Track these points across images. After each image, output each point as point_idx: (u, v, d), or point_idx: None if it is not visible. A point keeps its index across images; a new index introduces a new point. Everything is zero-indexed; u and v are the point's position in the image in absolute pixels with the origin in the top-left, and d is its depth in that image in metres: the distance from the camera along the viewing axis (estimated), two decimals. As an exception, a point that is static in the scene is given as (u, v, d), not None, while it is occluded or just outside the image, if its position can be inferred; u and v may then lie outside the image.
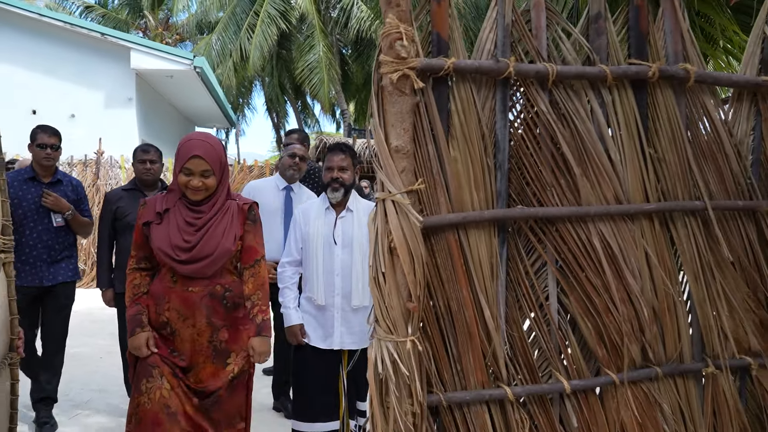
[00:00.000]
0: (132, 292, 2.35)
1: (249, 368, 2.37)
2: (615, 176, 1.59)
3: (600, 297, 1.57)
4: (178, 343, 2.26)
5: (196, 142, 2.26)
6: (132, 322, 2.27)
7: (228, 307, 2.31)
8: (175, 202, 2.30)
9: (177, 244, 2.23)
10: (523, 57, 1.54)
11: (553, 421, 1.59)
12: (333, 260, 2.72)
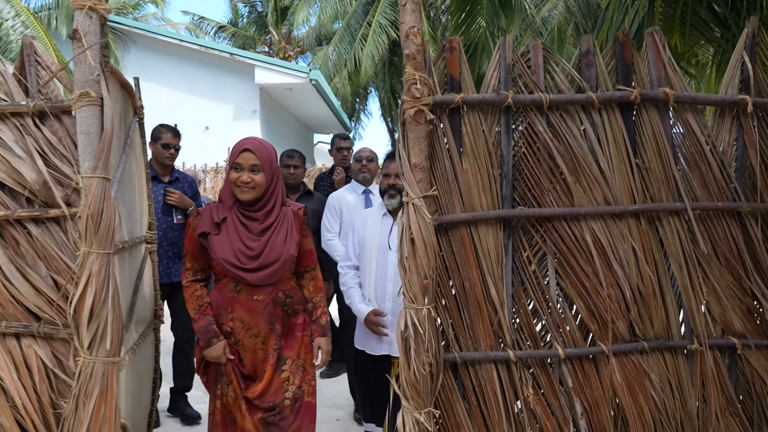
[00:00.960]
0: (197, 303, 2.31)
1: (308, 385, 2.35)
2: (604, 182, 1.93)
3: (590, 281, 1.92)
4: (241, 352, 2.28)
5: (247, 140, 2.29)
6: (206, 333, 2.25)
7: (288, 313, 2.32)
8: (229, 212, 2.28)
9: (240, 251, 2.21)
10: (523, 89, 1.94)
11: (552, 382, 1.97)
12: (386, 266, 2.72)
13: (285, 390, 2.29)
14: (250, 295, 2.26)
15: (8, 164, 1.95)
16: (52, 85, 2.00)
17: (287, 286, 2.33)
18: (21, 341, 2.02)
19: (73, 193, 1.97)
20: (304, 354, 2.36)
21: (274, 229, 2.27)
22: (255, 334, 2.27)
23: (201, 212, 2.33)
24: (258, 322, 2.26)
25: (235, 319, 2.28)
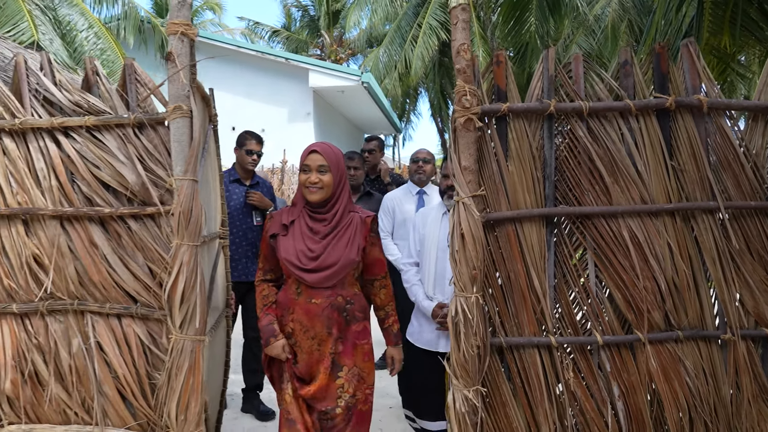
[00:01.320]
0: (262, 302, 2.41)
1: (362, 393, 2.35)
2: (641, 183, 2.09)
3: (627, 274, 2.08)
4: (299, 353, 2.32)
5: (316, 143, 2.36)
6: (266, 332, 2.33)
7: (347, 319, 2.32)
8: (299, 214, 2.36)
9: (302, 252, 2.27)
10: (565, 97, 2.12)
11: (591, 366, 2.14)
12: (445, 263, 2.72)
13: (338, 397, 2.30)
14: (309, 298, 2.29)
15: (113, 168, 2.26)
16: (148, 99, 2.30)
17: (349, 292, 2.34)
18: (122, 321, 2.34)
19: (165, 192, 2.27)
20: (361, 362, 2.35)
21: (337, 233, 2.30)
22: (312, 336, 2.29)
23: (274, 215, 2.42)
24: (315, 324, 2.29)
25: (294, 321, 2.32)
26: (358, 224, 2.35)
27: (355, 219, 2.35)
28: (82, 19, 10.64)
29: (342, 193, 2.34)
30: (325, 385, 2.29)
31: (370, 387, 2.39)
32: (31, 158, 2.31)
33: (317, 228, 2.31)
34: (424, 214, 2.96)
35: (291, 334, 2.33)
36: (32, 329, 2.38)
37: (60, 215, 2.30)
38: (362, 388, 2.36)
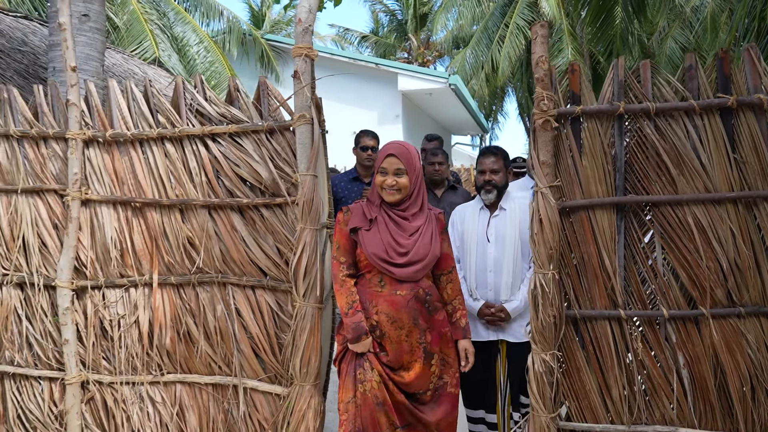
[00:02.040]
0: (350, 298, 2.41)
1: (451, 377, 2.48)
2: (705, 174, 2.33)
3: (691, 255, 2.34)
4: (387, 345, 2.39)
5: (391, 145, 2.44)
6: (357, 329, 2.36)
7: (429, 310, 2.42)
8: (379, 211, 2.43)
9: (391, 247, 2.35)
10: (634, 99, 2.40)
11: (658, 337, 2.40)
12: (486, 257, 2.86)
13: (430, 382, 2.43)
14: (394, 290, 2.38)
15: (249, 167, 2.79)
16: (277, 110, 2.81)
17: (426, 284, 2.44)
18: (255, 291, 2.86)
19: (291, 186, 2.76)
20: (446, 348, 2.48)
21: (422, 230, 2.41)
22: (399, 327, 2.38)
23: (351, 209, 2.48)
24: (402, 315, 2.37)
25: (380, 313, 2.39)
26: (434, 221, 2.49)
27: (431, 216, 2.48)
28: (194, 35, 11.69)
29: (419, 191, 2.45)
30: (421, 373, 2.40)
31: (458, 371, 2.52)
32: (186, 159, 2.88)
33: (403, 224, 2.40)
34: (463, 210, 3.07)
35: (377, 326, 2.40)
36: (185, 297, 2.95)
37: (208, 205, 2.86)
38: (449, 372, 2.48)
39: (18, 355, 3.14)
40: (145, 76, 8.35)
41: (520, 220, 2.87)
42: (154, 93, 2.93)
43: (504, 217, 2.92)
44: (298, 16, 2.66)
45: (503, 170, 2.92)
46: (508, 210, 2.93)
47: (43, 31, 7.08)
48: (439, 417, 2.44)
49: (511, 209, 2.92)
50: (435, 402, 2.45)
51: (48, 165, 3.09)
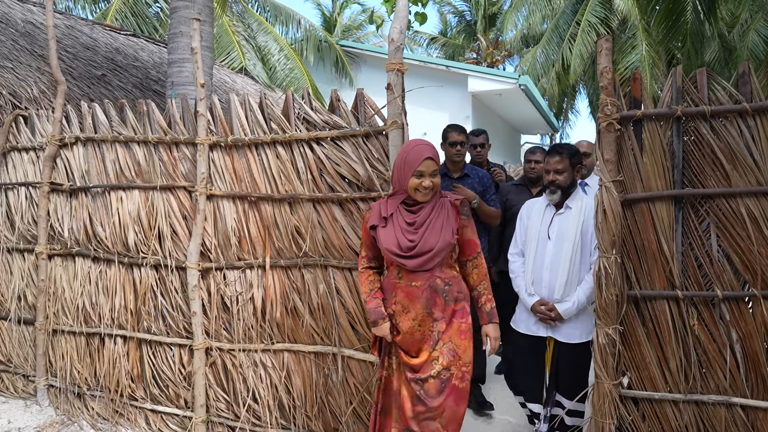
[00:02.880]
0: (369, 287, 2.61)
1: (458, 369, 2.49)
2: (757, 169, 2.59)
3: (744, 242, 2.60)
4: (400, 333, 2.54)
5: (423, 147, 2.50)
6: (374, 313, 2.54)
7: (447, 300, 2.48)
8: (397, 206, 2.54)
9: (401, 243, 2.46)
10: (691, 103, 2.69)
11: (713, 316, 2.68)
12: (544, 255, 2.96)
13: (432, 368, 2.47)
14: (410, 282, 2.49)
15: (348, 166, 3.26)
16: (372, 117, 3.27)
17: (447, 274, 2.51)
18: (352, 273, 3.32)
19: (383, 182, 3.21)
20: (457, 339, 2.50)
21: (431, 220, 2.49)
22: (412, 317, 2.48)
23: (372, 207, 2.63)
24: (415, 306, 2.48)
25: (396, 303, 2.53)
26: (449, 208, 2.54)
27: (446, 204, 2.55)
28: (275, 44, 12.46)
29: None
30: (427, 359, 2.49)
31: (467, 365, 2.51)
32: (294, 160, 3.39)
33: (413, 219, 2.51)
34: (531, 205, 3.19)
35: (393, 315, 2.55)
36: (293, 278, 3.46)
37: (313, 199, 3.35)
38: (458, 365, 2.49)
39: (154, 325, 3.76)
40: (233, 84, 9.10)
41: (584, 220, 2.98)
42: (267, 104, 3.46)
43: (568, 216, 3.01)
44: (390, 36, 3.10)
45: (568, 170, 2.98)
46: (573, 209, 3.02)
47: (149, 47, 7.91)
48: (442, 408, 2.46)
49: (577, 208, 3.01)
50: (440, 393, 2.47)
51: (179, 166, 3.69)
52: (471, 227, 2.59)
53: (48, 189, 4.06)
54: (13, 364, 4.29)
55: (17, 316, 4.23)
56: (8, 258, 4.30)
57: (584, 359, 3.10)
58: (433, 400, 2.46)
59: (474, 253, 2.59)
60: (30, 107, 4.44)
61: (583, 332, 3.06)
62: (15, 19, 5.73)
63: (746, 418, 2.63)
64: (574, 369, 3.06)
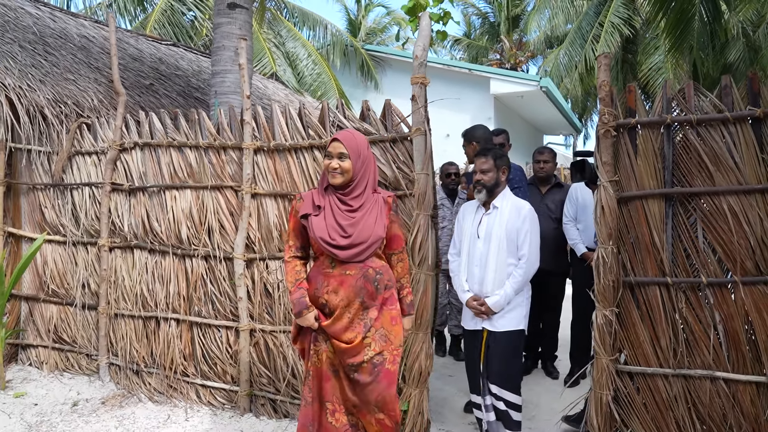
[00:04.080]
0: (294, 277, 2.60)
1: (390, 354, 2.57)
2: (737, 170, 2.95)
3: (726, 235, 2.96)
4: (334, 320, 2.54)
5: (340, 132, 2.59)
6: (299, 304, 2.54)
7: (378, 288, 2.56)
8: (328, 197, 2.57)
9: (335, 230, 2.49)
10: (679, 112, 3.05)
11: (699, 299, 3.04)
12: (475, 252, 3.21)
13: (365, 354, 2.54)
14: (344, 270, 2.53)
15: (378, 168, 3.68)
16: (399, 125, 3.68)
17: (377, 264, 2.59)
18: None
19: (408, 182, 3.62)
20: (388, 325, 2.61)
21: (365, 213, 2.55)
22: (345, 304, 2.53)
23: (303, 197, 2.64)
24: (349, 294, 2.52)
25: (330, 292, 2.55)
26: (382, 204, 2.63)
27: (379, 199, 2.63)
28: (303, 50, 12.96)
29: (363, 176, 2.60)
30: (360, 346, 2.54)
31: (397, 349, 2.63)
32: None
33: (346, 209, 2.55)
34: (465, 207, 3.44)
35: (326, 304, 2.56)
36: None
37: (345, 197, 3.78)
38: (389, 349, 2.59)
39: (204, 309, 4.24)
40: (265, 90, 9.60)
41: (507, 219, 3.23)
42: (306, 113, 3.91)
43: (495, 216, 3.25)
44: (414, 53, 3.52)
45: (494, 170, 3.21)
46: (500, 208, 3.25)
47: (188, 56, 8.45)
48: (377, 394, 2.57)
49: (503, 207, 3.24)
50: (375, 378, 2.55)
51: (226, 168, 4.16)
52: (398, 223, 2.72)
53: (110, 189, 4.57)
54: (78, 345, 4.81)
55: (81, 302, 4.75)
56: (73, 251, 4.83)
57: (512, 347, 3.29)
58: (369, 387, 2.56)
59: (399, 247, 2.71)
60: (91, 116, 4.95)
61: (512, 321, 3.27)
62: (71, 34, 6.29)
63: (728, 389, 2.99)
64: (503, 356, 3.24)
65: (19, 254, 4.98)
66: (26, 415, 3.97)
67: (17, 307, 5.01)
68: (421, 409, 3.49)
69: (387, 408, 2.59)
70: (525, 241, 3.24)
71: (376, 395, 2.57)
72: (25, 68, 4.93)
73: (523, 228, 3.24)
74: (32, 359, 4.98)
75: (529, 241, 3.24)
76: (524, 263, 3.23)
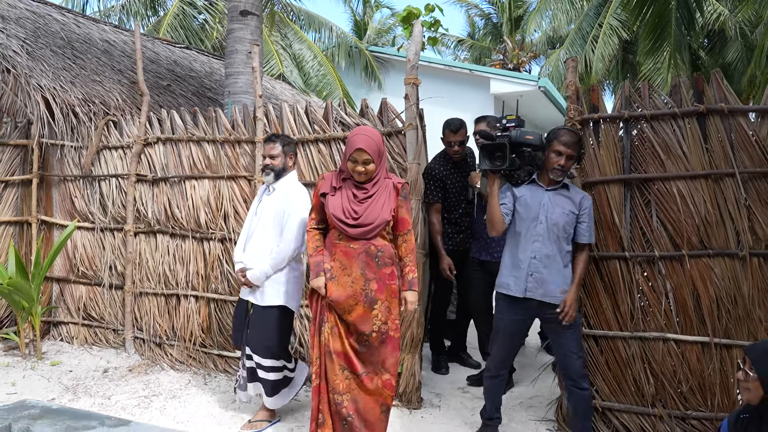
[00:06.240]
0: (315, 244, 2.96)
1: (392, 323, 2.88)
2: (685, 159, 3.39)
3: (675, 214, 3.41)
4: (334, 286, 2.84)
5: (359, 138, 2.80)
6: (317, 266, 2.89)
7: (378, 264, 2.83)
8: (345, 180, 2.88)
9: (348, 213, 2.80)
10: (636, 108, 3.51)
11: (653, 272, 3.49)
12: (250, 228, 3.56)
13: (373, 324, 2.85)
14: (348, 244, 2.85)
15: (375, 158, 4.15)
16: (393, 120, 4.15)
17: (380, 242, 2.88)
18: (378, 243, 4.21)
19: (402, 171, 4.09)
20: (390, 298, 2.90)
21: (375, 197, 2.85)
22: (348, 274, 2.83)
23: (325, 177, 2.97)
24: (352, 264, 2.83)
25: (335, 260, 2.87)
26: (391, 189, 2.91)
27: (389, 185, 2.92)
28: (309, 52, 13.44)
29: (380, 169, 2.91)
30: (363, 314, 2.84)
31: (398, 318, 2.97)
32: (332, 154, 4.30)
33: (360, 194, 2.87)
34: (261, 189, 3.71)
35: (330, 269, 2.87)
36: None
37: (347, 184, 4.25)
38: (391, 318, 2.90)
39: (220, 287, 4.73)
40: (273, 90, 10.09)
41: (280, 201, 3.47)
42: (312, 110, 4.38)
43: (272, 197, 3.52)
44: (408, 57, 3.99)
45: (281, 155, 3.47)
46: (277, 190, 3.52)
47: (200, 58, 8.95)
48: (384, 356, 2.91)
49: (280, 190, 3.50)
50: (381, 343, 2.89)
51: (240, 160, 4.64)
52: (406, 208, 2.96)
53: (134, 179, 5.06)
54: (105, 321, 5.31)
55: (109, 282, 5.25)
56: (101, 236, 5.32)
57: (268, 321, 3.48)
58: (376, 350, 2.89)
59: (405, 229, 2.96)
60: (117, 113, 5.45)
61: (269, 297, 3.48)
62: (95, 39, 6.79)
63: (677, 349, 3.44)
64: (259, 328, 3.48)
65: (51, 240, 5.48)
66: (63, 380, 4.47)
67: (49, 288, 5.52)
68: (413, 371, 3.96)
69: (393, 369, 2.94)
70: (287, 223, 3.44)
71: (383, 357, 2.90)
72: (58, 71, 5.44)
73: (287, 210, 3.45)
74: (63, 335, 5.48)
75: (290, 223, 3.43)
76: (282, 243, 3.45)
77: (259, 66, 4.58)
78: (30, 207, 5.41)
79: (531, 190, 3.25)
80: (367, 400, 2.92)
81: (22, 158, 5.47)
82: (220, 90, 7.04)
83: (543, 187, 3.24)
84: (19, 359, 4.91)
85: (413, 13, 5.25)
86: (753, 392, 2.13)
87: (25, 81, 5.11)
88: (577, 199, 3.22)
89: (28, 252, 5.40)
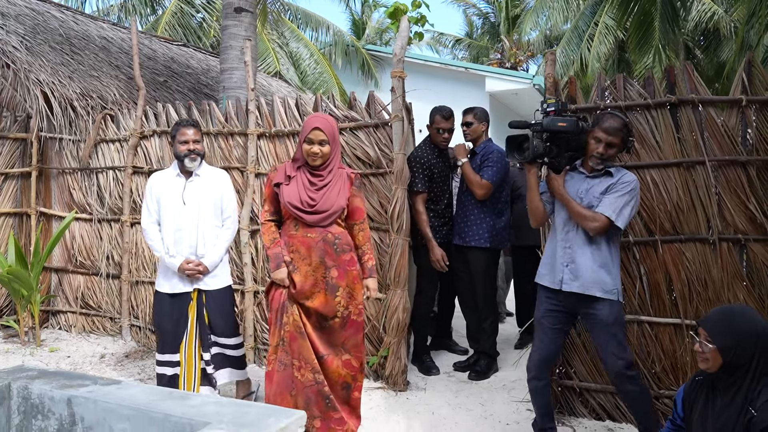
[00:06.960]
0: (271, 236, 2.96)
1: (355, 308, 2.96)
2: (658, 148, 3.53)
3: (649, 201, 3.55)
4: (296, 277, 2.87)
5: (315, 119, 2.86)
6: (276, 258, 2.89)
7: (337, 251, 2.88)
8: (299, 169, 2.90)
9: (304, 200, 2.82)
10: (611, 99, 3.65)
11: (628, 256, 3.62)
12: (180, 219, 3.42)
13: (336, 311, 2.93)
14: (306, 233, 2.88)
15: (362, 149, 4.29)
16: (381, 112, 4.29)
17: (337, 230, 2.94)
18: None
19: (389, 161, 4.23)
20: (351, 284, 2.97)
21: (330, 186, 2.90)
22: (308, 263, 2.88)
23: (277, 168, 3.00)
24: (311, 253, 2.88)
25: (294, 251, 2.89)
26: (345, 179, 2.97)
27: (343, 174, 2.99)
28: (306, 50, 13.59)
29: (335, 155, 2.97)
30: (325, 301, 2.91)
31: (361, 303, 3.05)
32: (322, 145, 4.43)
33: (315, 181, 2.90)
34: (157, 178, 3.58)
35: (290, 262, 2.90)
36: (320, 236, 4.51)
37: (336, 175, 4.39)
38: (354, 304, 2.98)
39: (214, 275, 4.85)
40: (269, 87, 10.22)
41: (213, 184, 3.55)
42: (302, 103, 4.52)
43: (197, 183, 3.50)
44: (394, 51, 4.13)
45: (202, 141, 3.56)
46: (201, 176, 3.52)
47: (197, 55, 9.08)
48: (344, 338, 2.99)
49: (206, 175, 3.54)
50: (343, 326, 2.98)
51: (233, 151, 4.78)
52: (360, 197, 3.06)
53: (131, 171, 5.20)
54: (102, 309, 5.45)
55: (106, 271, 5.39)
56: (98, 227, 5.47)
57: (226, 302, 3.60)
58: (336, 333, 2.98)
59: (360, 219, 3.04)
60: (114, 108, 5.59)
61: (223, 279, 3.61)
62: (93, 36, 6.93)
63: (651, 330, 3.58)
64: (222, 311, 3.54)
65: (50, 231, 5.62)
66: (61, 365, 4.61)
67: (48, 278, 5.66)
68: (399, 354, 4.11)
69: (354, 350, 3.02)
70: (228, 204, 3.63)
71: (344, 339, 2.99)
72: (56, 66, 5.58)
73: (225, 192, 3.62)
74: (61, 323, 5.62)
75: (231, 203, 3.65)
76: (229, 222, 3.63)
77: (251, 61, 4.72)
78: (29, 199, 5.55)
79: (572, 177, 3.07)
80: (329, 380, 2.99)
81: (21, 151, 5.61)
82: (216, 86, 7.17)
83: (584, 174, 3.04)
84: (18, 346, 5.04)
85: (400, 9, 5.39)
86: (712, 361, 2.25)
87: (24, 76, 5.25)
88: (617, 178, 2.95)
89: (27, 243, 5.54)
